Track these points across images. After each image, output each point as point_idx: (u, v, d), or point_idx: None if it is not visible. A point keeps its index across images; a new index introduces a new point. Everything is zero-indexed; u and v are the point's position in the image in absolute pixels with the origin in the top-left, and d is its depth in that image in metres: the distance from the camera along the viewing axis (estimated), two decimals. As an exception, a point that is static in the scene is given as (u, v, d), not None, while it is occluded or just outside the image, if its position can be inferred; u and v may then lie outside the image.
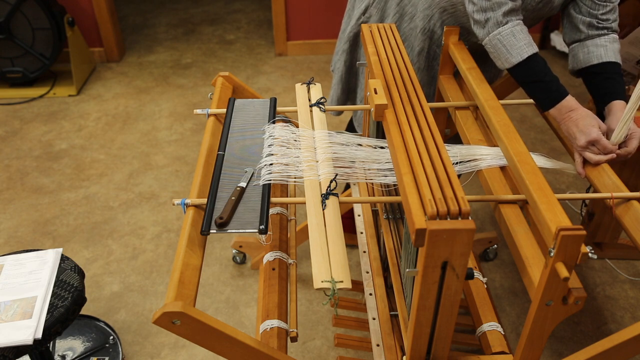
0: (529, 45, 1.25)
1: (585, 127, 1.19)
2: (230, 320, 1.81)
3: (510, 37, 1.25)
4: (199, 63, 3.49)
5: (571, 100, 1.23)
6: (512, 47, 1.25)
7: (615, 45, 1.34)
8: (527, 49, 1.24)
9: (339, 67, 1.71)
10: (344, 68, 1.70)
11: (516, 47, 1.25)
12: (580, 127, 1.19)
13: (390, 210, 1.36)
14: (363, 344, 1.49)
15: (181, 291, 0.89)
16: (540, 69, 1.25)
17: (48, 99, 3.09)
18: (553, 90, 1.24)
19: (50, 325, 1.18)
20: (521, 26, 1.27)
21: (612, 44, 1.33)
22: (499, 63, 1.30)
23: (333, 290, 0.86)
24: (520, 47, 1.25)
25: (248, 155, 1.17)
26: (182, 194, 2.37)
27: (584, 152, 1.20)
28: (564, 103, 1.23)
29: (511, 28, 1.26)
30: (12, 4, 2.82)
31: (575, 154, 1.23)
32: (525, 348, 0.94)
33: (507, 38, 1.26)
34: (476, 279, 1.20)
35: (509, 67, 1.28)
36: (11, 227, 2.19)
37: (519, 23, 1.26)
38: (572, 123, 1.21)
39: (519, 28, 1.26)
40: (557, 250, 0.79)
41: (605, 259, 2.02)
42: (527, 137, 2.72)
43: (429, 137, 0.97)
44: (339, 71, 1.72)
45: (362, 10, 1.60)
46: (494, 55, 1.30)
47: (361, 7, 1.60)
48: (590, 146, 1.19)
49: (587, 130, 1.18)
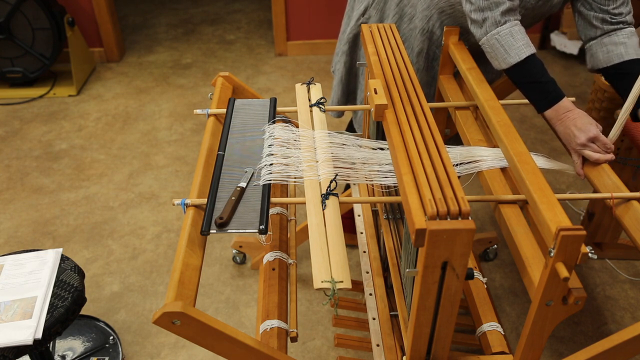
0: (527, 46, 1.24)
1: (584, 125, 1.19)
2: (230, 320, 1.81)
3: (509, 37, 1.24)
4: (199, 63, 3.49)
5: (567, 101, 1.23)
6: (510, 48, 1.24)
7: (634, 40, 1.31)
8: (525, 50, 1.23)
9: (339, 68, 1.71)
10: (344, 69, 1.70)
11: (514, 48, 1.24)
12: (579, 126, 1.19)
13: (390, 210, 1.36)
14: (363, 344, 1.49)
15: (181, 291, 0.89)
16: (538, 70, 1.24)
17: (48, 99, 3.09)
18: (550, 91, 1.23)
19: (50, 326, 1.18)
20: (519, 26, 1.26)
21: (631, 39, 1.31)
22: (495, 63, 1.29)
23: (333, 290, 0.86)
24: (518, 47, 1.24)
25: (248, 156, 1.17)
26: (182, 194, 2.37)
27: (583, 150, 1.19)
28: (561, 104, 1.23)
29: (509, 28, 1.25)
30: (12, 4, 2.82)
31: (574, 155, 1.23)
32: (525, 348, 0.94)
33: (505, 38, 1.25)
34: (476, 279, 1.20)
35: (506, 68, 1.27)
36: (11, 227, 2.19)
37: (517, 23, 1.26)
38: (570, 122, 1.21)
39: (517, 28, 1.25)
40: (557, 250, 0.79)
41: (605, 259, 2.02)
42: (527, 137, 2.72)
43: (429, 137, 0.97)
44: (339, 72, 1.72)
45: (362, 11, 1.59)
46: (491, 55, 1.29)
47: (360, 8, 1.60)
48: (590, 143, 1.18)
49: (586, 128, 1.18)
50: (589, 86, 3.18)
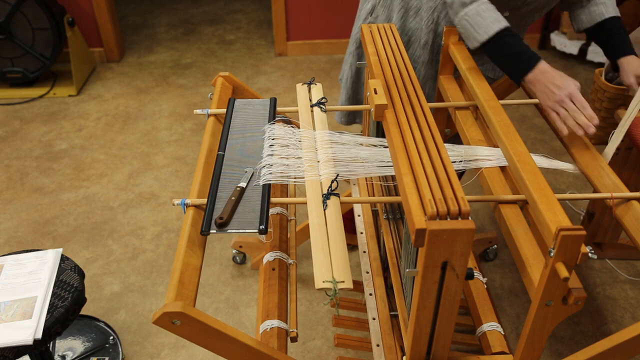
0: (495, 22, 1.26)
1: (562, 82, 1.19)
2: (230, 320, 1.81)
3: (476, 16, 1.27)
4: (199, 63, 3.49)
5: (544, 64, 1.24)
6: (479, 26, 1.27)
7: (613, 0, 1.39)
8: (494, 26, 1.26)
9: (346, 69, 1.71)
10: (350, 71, 1.69)
11: (483, 26, 1.26)
12: (557, 83, 1.19)
13: (390, 210, 1.36)
14: (363, 344, 1.49)
15: (181, 291, 0.89)
16: (510, 42, 1.26)
17: (48, 99, 3.09)
18: (525, 58, 1.24)
19: (50, 326, 1.18)
20: (487, 4, 1.28)
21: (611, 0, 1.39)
22: (469, 43, 1.32)
23: (334, 290, 0.86)
24: (486, 24, 1.26)
25: (248, 156, 1.17)
26: (182, 194, 2.37)
27: (559, 107, 1.18)
28: (538, 67, 1.23)
29: (477, 7, 1.28)
30: (12, 4, 2.82)
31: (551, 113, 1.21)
32: (525, 348, 0.94)
33: (473, 17, 1.28)
34: (476, 279, 1.20)
35: (479, 46, 1.29)
36: (11, 227, 2.19)
37: (484, 2, 1.28)
38: (548, 81, 1.20)
39: (485, 7, 1.28)
40: (557, 250, 0.79)
41: (605, 259, 2.02)
42: (527, 137, 2.72)
43: (429, 137, 0.98)
44: (346, 73, 1.72)
45: (369, 10, 1.60)
46: (465, 35, 1.32)
47: (367, 7, 1.60)
48: (567, 100, 1.17)
49: (564, 84, 1.18)
50: (589, 86, 3.18)
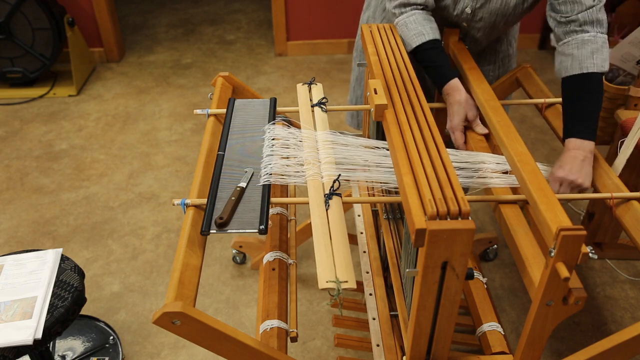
0: (418, 35, 1.32)
1: (451, 115, 1.32)
2: (230, 320, 1.81)
3: (403, 27, 1.36)
4: (199, 63, 3.49)
5: (453, 83, 1.32)
6: (405, 37, 1.35)
7: (583, 52, 1.19)
8: (416, 39, 1.33)
9: (355, 67, 1.72)
10: (359, 69, 1.70)
11: (407, 37, 1.34)
12: (449, 112, 1.33)
13: (390, 210, 1.36)
14: (363, 344, 1.49)
15: (181, 291, 0.89)
16: (428, 56, 1.33)
17: (48, 99, 3.09)
18: (440, 74, 1.34)
19: (50, 326, 1.18)
20: (415, 16, 1.33)
21: (580, 49, 1.20)
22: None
23: (338, 290, 0.86)
24: (410, 37, 1.34)
25: (248, 155, 1.17)
26: (182, 194, 2.37)
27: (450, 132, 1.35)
28: (450, 84, 1.32)
29: (405, 19, 1.35)
30: (12, 4, 2.82)
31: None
32: (525, 348, 0.94)
33: (401, 28, 1.36)
34: (476, 279, 1.20)
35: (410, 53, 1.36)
36: (11, 227, 2.19)
37: (413, 14, 1.34)
38: (448, 105, 1.34)
39: (414, 18, 1.33)
40: (557, 250, 0.79)
41: (605, 259, 2.02)
42: (527, 137, 2.72)
43: (429, 137, 0.98)
44: (354, 72, 1.72)
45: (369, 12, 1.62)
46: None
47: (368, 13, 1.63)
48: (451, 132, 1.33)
49: (450, 118, 1.33)
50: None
